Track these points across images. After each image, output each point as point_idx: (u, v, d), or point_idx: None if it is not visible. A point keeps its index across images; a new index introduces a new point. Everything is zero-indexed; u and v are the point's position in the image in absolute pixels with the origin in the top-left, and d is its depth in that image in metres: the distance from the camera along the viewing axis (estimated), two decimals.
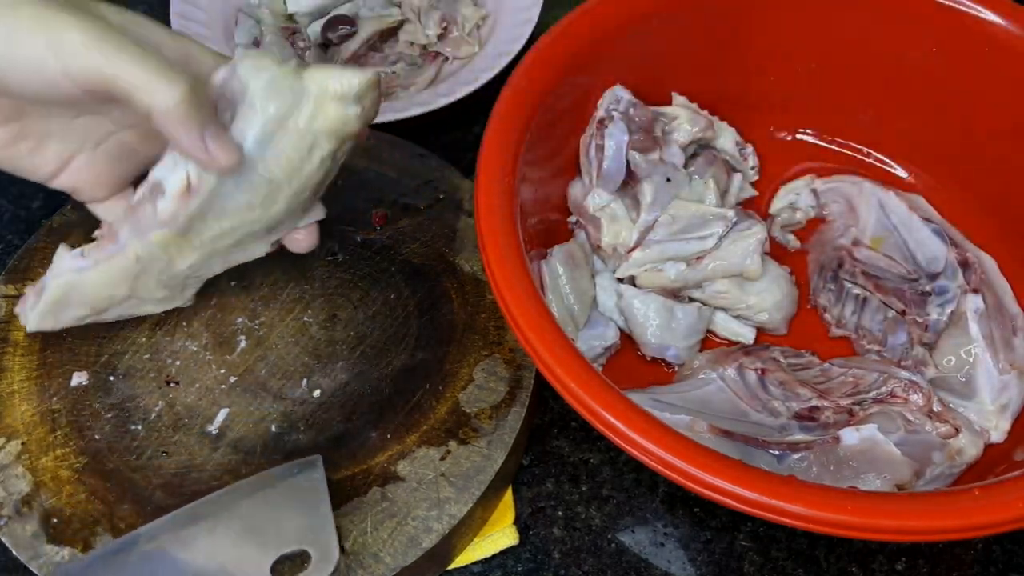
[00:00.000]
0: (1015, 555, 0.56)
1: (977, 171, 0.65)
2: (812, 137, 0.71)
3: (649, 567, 0.55)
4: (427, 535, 0.50)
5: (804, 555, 0.55)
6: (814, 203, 0.67)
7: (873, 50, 0.65)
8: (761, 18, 0.65)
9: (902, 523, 0.42)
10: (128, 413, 0.55)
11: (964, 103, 0.63)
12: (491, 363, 0.56)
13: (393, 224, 0.63)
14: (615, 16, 0.61)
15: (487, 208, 0.51)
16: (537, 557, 0.55)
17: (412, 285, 0.60)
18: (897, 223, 0.64)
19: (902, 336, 0.60)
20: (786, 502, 0.42)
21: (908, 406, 0.55)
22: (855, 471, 0.52)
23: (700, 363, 0.58)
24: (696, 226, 0.59)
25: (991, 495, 0.43)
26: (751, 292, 0.60)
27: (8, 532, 0.50)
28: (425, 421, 0.54)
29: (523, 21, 0.75)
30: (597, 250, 0.62)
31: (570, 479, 0.58)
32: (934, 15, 0.62)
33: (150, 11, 0.81)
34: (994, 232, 0.64)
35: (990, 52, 0.60)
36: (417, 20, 0.76)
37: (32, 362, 0.56)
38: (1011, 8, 0.60)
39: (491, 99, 0.57)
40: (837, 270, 0.63)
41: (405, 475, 0.52)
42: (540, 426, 0.59)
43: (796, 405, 0.55)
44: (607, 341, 0.59)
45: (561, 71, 0.58)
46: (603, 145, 0.60)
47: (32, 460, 0.53)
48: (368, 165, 0.65)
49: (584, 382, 0.45)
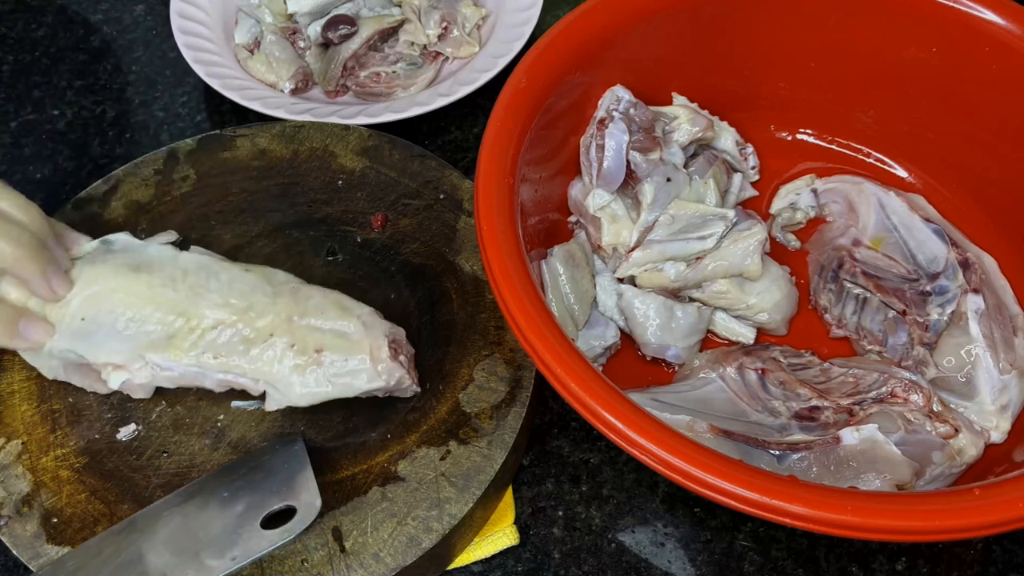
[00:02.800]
0: (1015, 555, 0.56)
1: (977, 171, 0.65)
2: (812, 137, 0.71)
3: (649, 567, 0.55)
4: (427, 535, 0.50)
5: (804, 555, 0.55)
6: (814, 203, 0.67)
7: (873, 50, 0.65)
8: (761, 18, 0.65)
9: (902, 523, 0.42)
10: (128, 413, 0.55)
11: (964, 103, 0.63)
12: (491, 363, 0.56)
13: (393, 224, 0.63)
14: (615, 16, 0.61)
15: (487, 208, 0.51)
16: (537, 557, 0.55)
17: (412, 285, 0.60)
18: (897, 223, 0.64)
19: (902, 336, 0.60)
20: (786, 502, 0.42)
21: (908, 406, 0.55)
22: (855, 471, 0.52)
23: (700, 363, 0.58)
24: (696, 226, 0.59)
25: (991, 495, 0.43)
26: (751, 292, 0.60)
27: (8, 532, 0.50)
28: (425, 421, 0.54)
29: (523, 21, 0.75)
30: (597, 250, 0.62)
31: (570, 479, 0.58)
32: (934, 15, 0.62)
33: (150, 11, 0.82)
34: (994, 232, 0.64)
35: (990, 52, 0.60)
36: (417, 20, 0.76)
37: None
38: (1011, 8, 0.60)
39: (491, 99, 0.57)
40: (837, 270, 0.63)
41: (405, 475, 0.52)
42: (540, 426, 0.59)
43: (796, 405, 0.55)
44: (607, 341, 0.59)
45: (561, 71, 0.58)
46: (603, 145, 0.60)
47: (32, 460, 0.53)
48: (368, 165, 0.65)
49: (584, 382, 0.45)
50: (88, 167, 0.72)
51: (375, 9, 0.77)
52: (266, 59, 0.74)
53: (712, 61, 0.66)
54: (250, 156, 0.66)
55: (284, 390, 0.52)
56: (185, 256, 0.54)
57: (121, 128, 0.75)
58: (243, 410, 0.55)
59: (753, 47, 0.66)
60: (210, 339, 0.52)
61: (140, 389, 0.54)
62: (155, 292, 0.52)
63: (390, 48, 0.76)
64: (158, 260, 0.54)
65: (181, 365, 0.52)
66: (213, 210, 0.63)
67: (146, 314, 0.52)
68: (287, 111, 0.68)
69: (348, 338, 0.52)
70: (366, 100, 0.74)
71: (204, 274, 0.53)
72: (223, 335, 0.52)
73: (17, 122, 0.75)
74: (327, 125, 0.67)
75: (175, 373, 0.52)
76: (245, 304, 0.52)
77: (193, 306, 0.52)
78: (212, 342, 0.52)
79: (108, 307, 0.52)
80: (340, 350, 0.51)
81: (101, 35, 0.80)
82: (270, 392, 0.52)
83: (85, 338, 0.52)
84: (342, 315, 0.52)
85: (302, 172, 0.65)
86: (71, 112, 0.75)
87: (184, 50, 0.72)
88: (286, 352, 0.51)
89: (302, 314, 0.52)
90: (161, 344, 0.52)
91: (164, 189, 0.64)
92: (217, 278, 0.53)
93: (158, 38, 0.80)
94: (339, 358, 0.51)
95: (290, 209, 0.63)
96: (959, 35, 0.61)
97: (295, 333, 0.52)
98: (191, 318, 0.52)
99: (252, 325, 0.52)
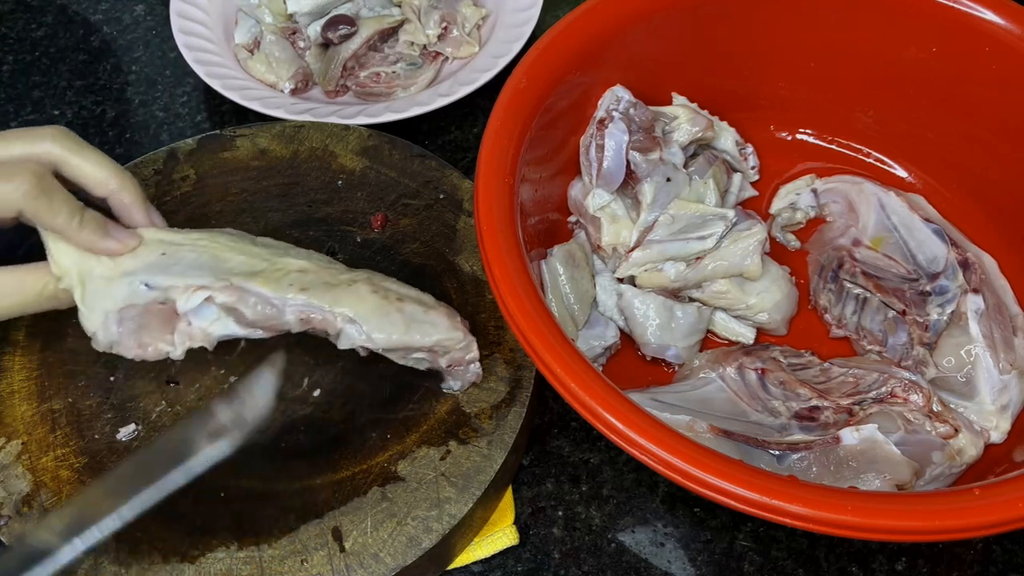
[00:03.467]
0: (1015, 555, 0.56)
1: (977, 171, 0.65)
2: (812, 137, 0.71)
3: (649, 567, 0.55)
4: (427, 535, 0.50)
5: (804, 555, 0.55)
6: (814, 203, 0.67)
7: (873, 50, 0.65)
8: (761, 18, 0.65)
9: (902, 523, 0.42)
10: (128, 413, 0.55)
11: (964, 103, 0.63)
12: (491, 363, 0.56)
13: (393, 224, 0.63)
14: (615, 16, 0.61)
15: (487, 208, 0.51)
16: (537, 557, 0.55)
17: (412, 285, 0.60)
18: (897, 223, 0.64)
19: (902, 336, 0.60)
20: (786, 502, 0.42)
21: (908, 406, 0.55)
22: (855, 471, 0.52)
23: (700, 363, 0.58)
24: (696, 226, 0.59)
25: (991, 495, 0.43)
26: (751, 292, 0.60)
27: (8, 532, 0.50)
28: (425, 421, 0.54)
29: (523, 21, 0.75)
30: (597, 250, 0.62)
31: (570, 479, 0.58)
32: (934, 15, 0.62)
33: (150, 11, 0.82)
34: (994, 232, 0.64)
35: (990, 52, 0.60)
36: (417, 20, 0.76)
37: (32, 362, 0.56)
38: (1011, 8, 0.60)
39: (491, 99, 0.57)
40: (837, 270, 0.63)
41: (405, 475, 0.52)
42: (540, 426, 0.59)
43: (796, 405, 0.55)
44: (607, 341, 0.59)
45: (561, 71, 0.58)
46: (603, 145, 0.60)
47: (32, 460, 0.53)
48: (368, 165, 0.65)
49: (584, 382, 0.45)
50: None
51: (375, 9, 0.77)
52: (266, 59, 0.74)
53: (712, 61, 0.66)
54: (250, 156, 0.66)
55: (365, 324, 0.51)
56: (261, 239, 0.55)
57: (121, 128, 0.75)
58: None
59: (753, 47, 0.66)
60: (295, 276, 0.52)
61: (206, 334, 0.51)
62: (237, 244, 0.53)
63: (390, 48, 0.76)
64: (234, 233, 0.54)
65: (264, 292, 0.51)
66: (213, 210, 0.63)
67: (230, 256, 0.52)
68: (287, 111, 0.68)
69: (425, 303, 0.53)
70: (366, 100, 0.74)
71: (283, 248, 0.54)
72: (307, 276, 0.52)
73: (17, 122, 0.75)
74: (327, 125, 0.67)
75: (257, 301, 0.51)
76: (326, 263, 0.54)
77: (277, 257, 0.53)
78: (297, 279, 0.52)
79: (189, 247, 0.52)
80: (420, 305, 0.52)
81: (101, 35, 0.80)
82: (347, 329, 0.51)
83: (165, 269, 0.51)
84: (418, 293, 0.54)
85: (302, 172, 0.65)
86: (71, 112, 0.75)
87: (184, 50, 0.72)
88: (369, 295, 0.52)
89: (381, 280, 0.53)
90: (246, 276, 0.51)
91: (164, 189, 0.64)
92: (295, 251, 0.54)
93: (158, 38, 0.80)
94: (419, 310, 0.52)
95: (290, 209, 0.63)
96: (959, 35, 0.61)
97: (377, 285, 0.52)
98: (276, 263, 0.52)
99: (336, 277, 0.52)
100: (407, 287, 0.54)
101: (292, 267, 0.52)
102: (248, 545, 0.50)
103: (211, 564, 0.49)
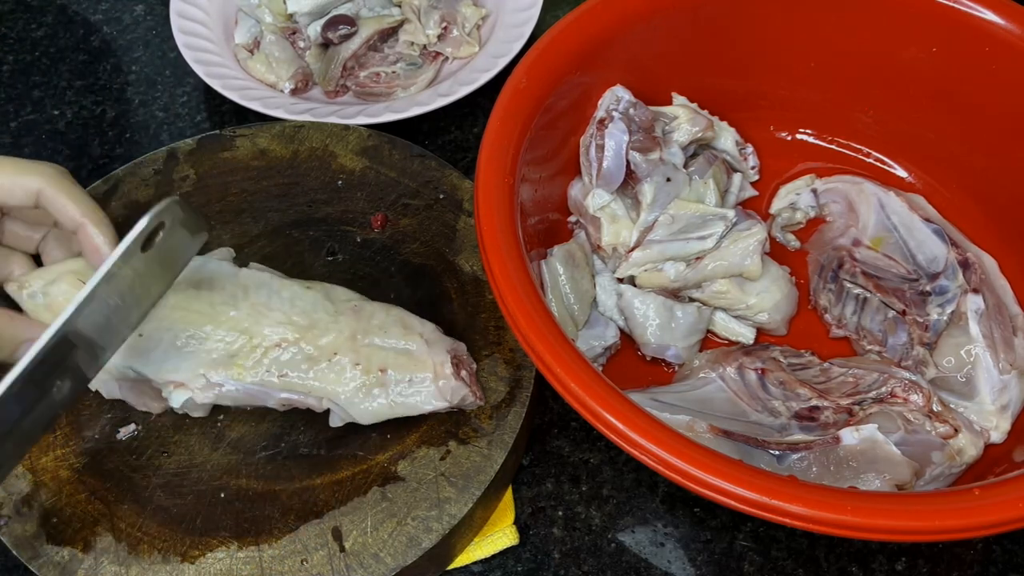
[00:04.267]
0: (1015, 555, 0.56)
1: (977, 171, 0.65)
2: (812, 137, 0.71)
3: (649, 567, 0.55)
4: (427, 535, 0.50)
5: (804, 555, 0.55)
6: (814, 203, 0.67)
7: (873, 50, 0.65)
8: (761, 18, 0.65)
9: (902, 523, 0.42)
10: (128, 413, 0.55)
11: (964, 103, 0.63)
12: (491, 363, 0.56)
13: (393, 224, 0.63)
14: (615, 16, 0.61)
15: (487, 208, 0.51)
16: (537, 557, 0.55)
17: (412, 285, 0.60)
18: (897, 223, 0.64)
19: (902, 336, 0.60)
20: (786, 502, 0.42)
21: (908, 406, 0.55)
22: (855, 471, 0.52)
23: (700, 363, 0.58)
24: (696, 226, 0.59)
25: (991, 495, 0.43)
26: (751, 292, 0.60)
27: (8, 532, 0.50)
28: (425, 421, 0.54)
29: (523, 21, 0.75)
30: (597, 250, 0.62)
31: (570, 479, 0.58)
32: (934, 15, 0.62)
33: (150, 11, 0.82)
34: (994, 232, 0.64)
35: (990, 52, 0.60)
36: (417, 20, 0.76)
37: None
38: (1011, 8, 0.60)
39: (491, 99, 0.57)
40: (837, 270, 0.63)
41: (405, 475, 0.52)
42: (540, 426, 0.59)
43: (796, 405, 0.55)
44: (607, 341, 0.59)
45: (561, 71, 0.58)
46: (603, 145, 0.60)
47: (32, 460, 0.53)
48: (368, 165, 0.65)
49: (584, 382, 0.45)
50: (88, 167, 0.72)
51: (375, 9, 0.77)
52: (266, 59, 0.74)
53: (712, 61, 0.66)
54: (250, 156, 0.66)
55: (348, 408, 0.51)
56: (245, 272, 0.53)
57: (121, 128, 0.75)
58: (243, 409, 0.55)
59: (753, 47, 0.66)
60: (273, 357, 0.51)
61: (199, 408, 0.53)
62: (216, 310, 0.51)
63: (390, 48, 0.76)
64: (218, 277, 0.53)
65: (244, 384, 0.51)
66: (213, 210, 0.63)
67: (207, 332, 0.51)
68: (287, 111, 0.68)
69: (411, 356, 0.52)
70: (366, 100, 0.74)
71: (265, 292, 0.52)
72: (286, 353, 0.51)
73: (17, 122, 0.75)
74: (327, 125, 0.67)
75: (238, 392, 0.51)
76: (307, 322, 0.52)
77: (255, 324, 0.51)
78: (275, 360, 0.51)
79: (167, 324, 0.51)
80: (404, 368, 0.51)
81: (101, 35, 0.80)
82: (334, 410, 0.52)
83: (143, 355, 0.51)
84: (405, 334, 0.52)
85: (302, 172, 0.65)
86: (71, 112, 0.75)
87: (184, 50, 0.72)
88: (350, 371, 0.51)
89: (365, 332, 0.52)
90: (223, 362, 0.51)
91: (164, 189, 0.64)
92: (278, 296, 0.52)
93: (158, 38, 0.80)
94: (403, 377, 0.51)
95: (290, 209, 0.63)
96: (959, 35, 0.61)
97: (359, 352, 0.51)
98: (253, 336, 0.51)
99: (315, 343, 0.51)
100: (393, 329, 0.52)
101: (269, 341, 0.51)
102: (248, 545, 0.50)
103: (211, 564, 0.49)
